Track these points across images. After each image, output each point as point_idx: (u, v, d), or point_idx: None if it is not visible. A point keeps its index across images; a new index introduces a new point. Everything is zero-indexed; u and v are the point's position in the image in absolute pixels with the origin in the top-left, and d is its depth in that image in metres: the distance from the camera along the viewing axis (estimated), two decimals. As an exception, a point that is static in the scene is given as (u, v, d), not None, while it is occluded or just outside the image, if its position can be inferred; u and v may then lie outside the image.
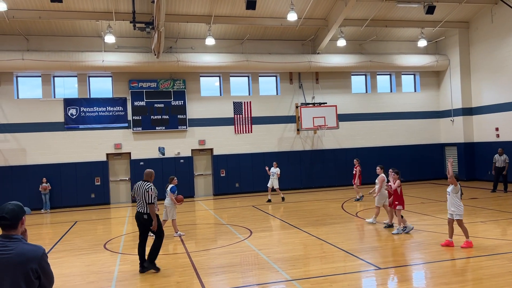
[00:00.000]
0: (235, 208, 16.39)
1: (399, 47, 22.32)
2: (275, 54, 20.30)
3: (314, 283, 6.88)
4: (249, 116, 20.74)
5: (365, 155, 21.63)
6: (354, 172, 16.68)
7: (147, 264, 7.94)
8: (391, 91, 22.97)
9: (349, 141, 21.86)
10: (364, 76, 22.73)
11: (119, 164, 19.74)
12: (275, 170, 16.76)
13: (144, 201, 7.90)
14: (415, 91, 23.34)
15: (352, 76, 22.29)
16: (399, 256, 8.61)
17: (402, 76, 23.04)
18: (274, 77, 21.58)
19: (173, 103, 19.79)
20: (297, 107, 21.03)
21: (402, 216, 10.34)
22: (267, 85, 21.54)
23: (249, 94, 21.12)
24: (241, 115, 20.66)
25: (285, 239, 10.40)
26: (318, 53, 20.67)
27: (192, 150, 20.27)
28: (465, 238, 8.68)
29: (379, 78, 22.82)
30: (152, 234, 8.20)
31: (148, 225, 7.98)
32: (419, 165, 22.45)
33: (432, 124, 23.07)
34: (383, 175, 11.35)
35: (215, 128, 20.39)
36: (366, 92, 22.65)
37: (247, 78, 21.24)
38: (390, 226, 10.89)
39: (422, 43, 20.83)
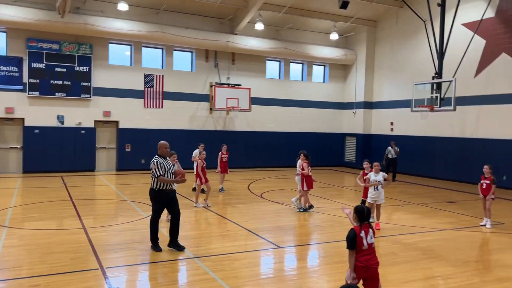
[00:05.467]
0: (139, 184, 15.83)
1: (313, 38, 23.11)
2: (192, 29, 19.75)
3: (215, 261, 6.93)
4: (160, 90, 20.02)
5: (274, 139, 22.38)
6: (224, 158, 14.53)
7: (172, 245, 7.49)
8: (302, 80, 23.81)
9: (260, 124, 22.29)
10: (278, 62, 23.21)
11: (9, 130, 17.84)
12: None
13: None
14: (323, 81, 24.47)
15: (267, 61, 22.63)
16: (298, 236, 9.05)
17: (313, 66, 23.98)
18: (190, 53, 21.05)
19: (77, 68, 18.31)
20: (211, 86, 20.81)
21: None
22: (182, 60, 20.94)
23: (162, 68, 20.35)
24: (152, 89, 19.87)
25: (190, 217, 10.32)
26: (236, 34, 20.57)
27: (95, 121, 19.04)
28: (377, 220, 9.53)
29: (292, 66, 23.49)
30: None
31: (151, 200, 7.61)
32: (321, 152, 23.72)
33: (336, 115, 24.45)
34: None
35: (123, 99, 19.35)
36: (279, 78, 23.20)
37: (161, 50, 20.41)
38: (305, 209, 11.15)
39: (334, 36, 21.82)
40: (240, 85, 20.94)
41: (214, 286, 5.86)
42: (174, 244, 7.48)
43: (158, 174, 7.29)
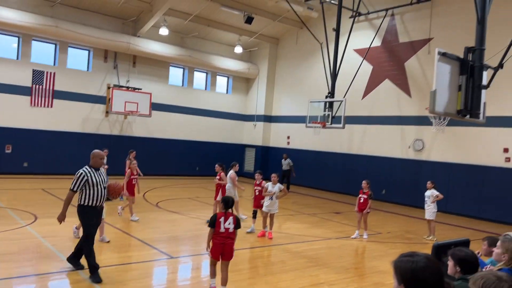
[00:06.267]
0: (20, 190, 14.37)
1: (218, 49, 23.34)
2: (91, 26, 18.64)
3: (103, 273, 6.52)
4: (51, 88, 18.45)
5: (175, 147, 22.01)
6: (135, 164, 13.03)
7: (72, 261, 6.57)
8: (206, 89, 23.85)
9: (160, 131, 21.74)
10: (182, 70, 22.98)
11: None
12: None
13: None
14: (227, 93, 24.81)
15: (170, 67, 22.27)
16: (193, 245, 8.96)
17: (217, 76, 24.20)
18: (87, 51, 19.81)
19: (-50, 56, 16.11)
20: (109, 87, 19.79)
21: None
22: (78, 58, 19.60)
23: (54, 64, 18.83)
24: (41, 86, 18.22)
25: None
26: (138, 36, 19.92)
27: (-30, 117, 16.89)
28: (269, 229, 9.84)
29: (196, 74, 23.43)
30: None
31: (78, 215, 6.45)
32: (222, 162, 23.72)
33: (238, 126, 24.91)
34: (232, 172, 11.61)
35: (6, 96, 17.45)
36: (183, 85, 22.96)
37: (54, 46, 18.90)
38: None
39: (238, 49, 22.34)
40: (140, 89, 20.25)
41: (99, 300, 5.51)
42: (75, 261, 6.55)
43: (70, 187, 6.18)
